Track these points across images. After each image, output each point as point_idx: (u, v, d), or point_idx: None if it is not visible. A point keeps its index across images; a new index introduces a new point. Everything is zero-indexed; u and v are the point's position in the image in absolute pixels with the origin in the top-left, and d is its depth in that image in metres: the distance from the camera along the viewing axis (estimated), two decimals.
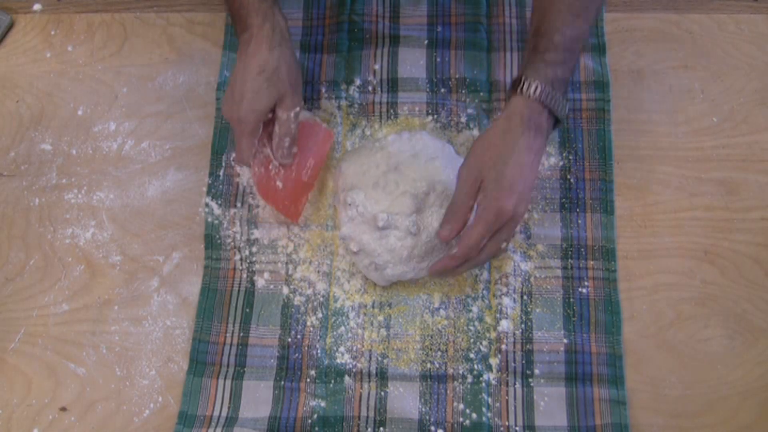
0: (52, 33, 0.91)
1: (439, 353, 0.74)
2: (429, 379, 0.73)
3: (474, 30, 0.86)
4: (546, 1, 0.67)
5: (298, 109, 0.72)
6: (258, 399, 0.74)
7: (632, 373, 0.73)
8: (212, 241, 0.80)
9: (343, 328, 0.76)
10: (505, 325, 0.74)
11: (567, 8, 0.66)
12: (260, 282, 0.78)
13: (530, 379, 0.73)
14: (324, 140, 0.78)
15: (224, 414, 0.73)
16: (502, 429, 0.71)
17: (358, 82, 0.85)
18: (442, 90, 0.84)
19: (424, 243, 0.73)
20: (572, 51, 0.68)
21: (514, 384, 0.73)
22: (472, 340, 0.74)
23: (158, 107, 0.86)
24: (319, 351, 0.75)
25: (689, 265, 0.77)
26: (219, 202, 0.82)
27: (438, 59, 0.86)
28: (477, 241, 0.66)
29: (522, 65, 0.69)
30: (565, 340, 0.74)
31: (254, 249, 0.80)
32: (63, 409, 0.75)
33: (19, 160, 0.85)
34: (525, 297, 0.76)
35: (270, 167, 0.76)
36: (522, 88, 0.66)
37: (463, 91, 0.84)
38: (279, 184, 0.76)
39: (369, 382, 0.74)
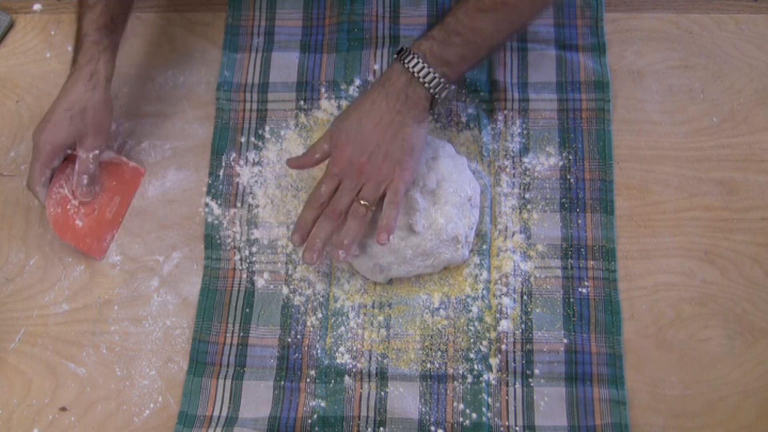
0: (52, 33, 0.91)
1: (439, 353, 0.74)
2: (429, 379, 0.73)
3: None
4: None
5: (97, 152, 0.77)
6: (258, 399, 0.74)
7: (632, 373, 0.73)
8: (212, 241, 0.80)
9: (343, 328, 0.76)
10: (505, 325, 0.74)
11: (475, 2, 0.68)
12: (260, 282, 0.78)
13: (530, 379, 0.73)
14: (131, 178, 0.82)
15: (224, 414, 0.73)
16: (502, 429, 0.71)
17: (358, 82, 0.85)
18: None
19: (428, 241, 0.73)
20: (462, 36, 0.68)
21: (514, 384, 0.73)
22: (472, 340, 0.74)
23: (158, 107, 0.87)
24: (319, 351, 0.75)
25: (689, 265, 0.76)
26: (219, 202, 0.82)
27: None
28: (318, 186, 0.71)
29: None
30: (565, 340, 0.74)
31: (254, 249, 0.80)
32: (63, 409, 0.75)
33: (19, 160, 0.85)
34: (525, 297, 0.76)
35: (68, 207, 0.78)
36: (398, 54, 0.70)
37: (463, 91, 0.84)
38: (79, 222, 0.79)
39: (369, 382, 0.74)
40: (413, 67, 0.69)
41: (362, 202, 0.70)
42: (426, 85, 0.69)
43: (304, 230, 0.73)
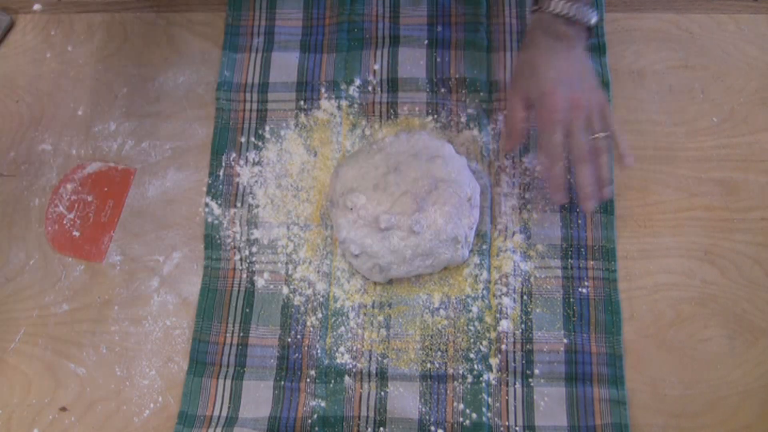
0: (52, 33, 0.91)
1: (439, 353, 0.74)
2: (429, 379, 0.73)
3: (474, 30, 0.86)
4: None
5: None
6: (258, 399, 0.74)
7: (632, 373, 0.73)
8: (212, 241, 0.80)
9: (343, 328, 0.76)
10: (505, 325, 0.75)
11: None
12: (260, 282, 0.78)
13: (530, 379, 0.73)
14: (122, 180, 0.83)
15: (224, 414, 0.73)
16: (502, 429, 0.71)
17: (358, 82, 0.85)
18: (442, 90, 0.84)
19: (428, 241, 0.73)
20: None
21: (514, 384, 0.73)
22: (472, 340, 0.74)
23: (158, 107, 0.87)
24: (319, 351, 0.75)
25: (689, 265, 0.77)
26: (219, 202, 0.82)
27: (438, 59, 0.86)
28: (549, 140, 0.70)
29: None
30: (565, 340, 0.74)
31: (254, 249, 0.80)
32: (63, 409, 0.75)
33: (19, 160, 0.85)
34: (525, 297, 0.76)
35: (64, 222, 0.81)
36: (538, 4, 0.73)
37: (463, 91, 0.84)
38: (76, 233, 0.80)
39: (369, 382, 0.74)
40: (561, 10, 0.71)
41: (598, 135, 0.71)
42: (581, 21, 0.72)
43: (564, 184, 0.72)
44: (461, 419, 0.72)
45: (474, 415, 0.72)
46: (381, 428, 0.72)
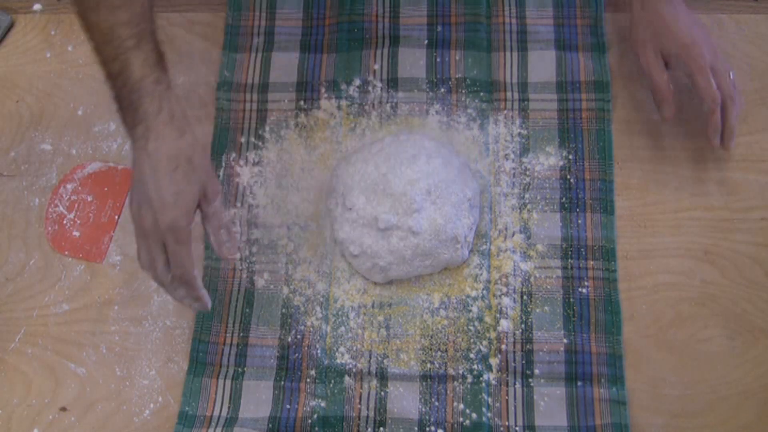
0: (52, 33, 0.91)
1: (439, 353, 0.74)
2: (429, 379, 0.73)
3: (474, 30, 0.86)
4: None
5: (220, 197, 0.68)
6: (258, 399, 0.74)
7: (632, 373, 0.73)
8: None
9: (343, 328, 0.76)
10: (505, 325, 0.75)
11: None
12: (260, 282, 0.78)
13: (530, 379, 0.73)
14: (122, 180, 0.83)
15: (224, 414, 0.73)
16: (502, 429, 0.71)
17: (358, 82, 0.85)
18: (442, 90, 0.84)
19: (427, 241, 0.73)
20: None
21: (514, 384, 0.73)
22: (472, 340, 0.74)
23: None
24: (319, 351, 0.75)
25: (689, 265, 0.76)
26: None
27: (438, 59, 0.86)
28: (705, 87, 0.73)
29: None
30: (565, 340, 0.74)
31: (254, 249, 0.80)
32: (63, 409, 0.75)
33: (19, 160, 0.85)
34: (525, 297, 0.76)
35: (64, 222, 0.81)
36: None
37: (463, 91, 0.84)
38: (76, 233, 0.80)
39: (369, 382, 0.74)
40: None
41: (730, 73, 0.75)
42: None
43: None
44: (461, 419, 0.72)
45: (474, 415, 0.72)
46: (381, 428, 0.72)
